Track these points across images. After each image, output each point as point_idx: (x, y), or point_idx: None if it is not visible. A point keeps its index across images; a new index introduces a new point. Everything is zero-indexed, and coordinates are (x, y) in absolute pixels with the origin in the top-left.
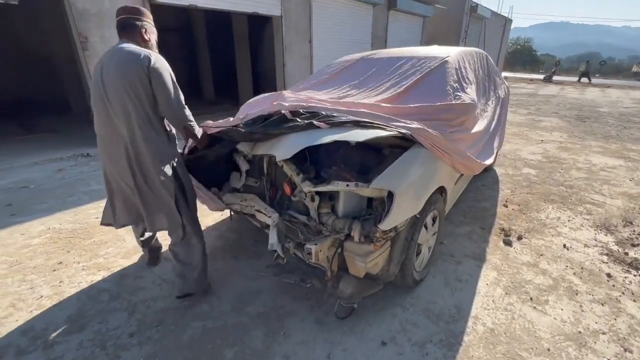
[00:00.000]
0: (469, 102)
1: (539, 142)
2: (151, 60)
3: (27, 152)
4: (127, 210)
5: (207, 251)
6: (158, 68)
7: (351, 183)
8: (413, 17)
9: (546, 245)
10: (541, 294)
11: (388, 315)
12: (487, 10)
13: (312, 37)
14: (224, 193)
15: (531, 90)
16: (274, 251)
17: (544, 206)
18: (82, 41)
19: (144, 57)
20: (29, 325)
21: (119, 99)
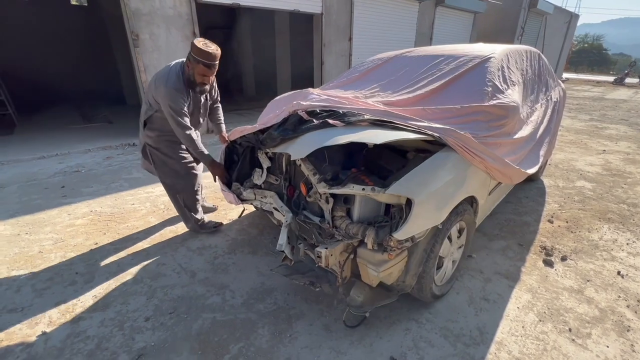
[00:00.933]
0: (510, 104)
1: (601, 152)
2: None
3: (84, 140)
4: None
5: (227, 244)
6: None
7: (367, 187)
8: (463, 13)
9: (596, 270)
10: (583, 326)
11: (401, 329)
12: (550, 5)
13: (352, 35)
14: (245, 189)
15: (597, 94)
16: (282, 251)
17: (598, 225)
18: (134, 38)
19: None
20: (61, 298)
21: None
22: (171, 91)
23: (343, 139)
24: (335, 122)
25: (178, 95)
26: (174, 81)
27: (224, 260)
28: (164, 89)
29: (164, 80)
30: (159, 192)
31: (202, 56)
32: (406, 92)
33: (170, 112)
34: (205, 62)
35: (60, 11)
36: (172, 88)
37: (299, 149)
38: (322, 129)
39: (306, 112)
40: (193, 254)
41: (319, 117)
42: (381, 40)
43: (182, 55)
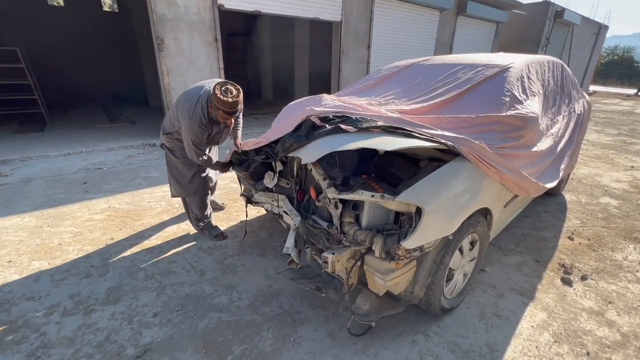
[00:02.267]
0: (528, 115)
1: (629, 169)
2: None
3: (108, 139)
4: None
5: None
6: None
7: (377, 194)
8: (485, 22)
9: (619, 291)
10: (603, 350)
11: (407, 341)
12: (577, 16)
13: (371, 43)
14: (257, 191)
15: (626, 108)
16: (288, 255)
17: (623, 244)
18: (159, 43)
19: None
20: (76, 290)
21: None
22: (195, 127)
23: (354, 144)
24: (348, 127)
25: (200, 131)
26: (199, 117)
27: (233, 261)
28: (188, 122)
29: (190, 113)
30: None
31: (222, 105)
32: (421, 101)
33: (190, 144)
34: (226, 110)
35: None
36: (196, 124)
37: (309, 153)
38: (334, 134)
39: (319, 118)
40: (204, 253)
41: (332, 123)
42: (400, 49)
43: (204, 60)
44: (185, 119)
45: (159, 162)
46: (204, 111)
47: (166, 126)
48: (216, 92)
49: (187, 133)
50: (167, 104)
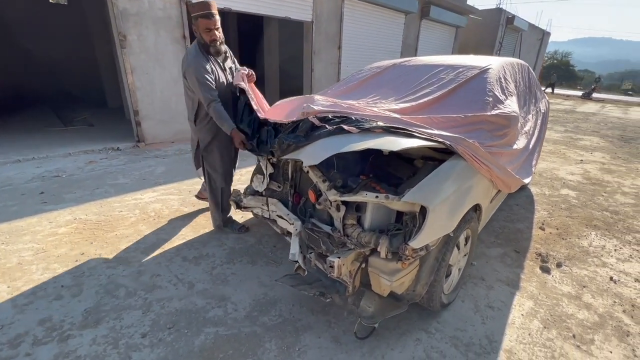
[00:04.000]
0: (511, 113)
1: (579, 162)
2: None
3: (63, 143)
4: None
5: (224, 253)
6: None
7: (381, 195)
8: (445, 26)
9: (590, 276)
10: (585, 332)
11: (411, 339)
12: (525, 23)
13: (342, 44)
14: (246, 196)
15: (568, 107)
16: (295, 262)
17: (586, 232)
18: (121, 39)
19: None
20: (47, 315)
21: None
22: (193, 63)
23: (360, 145)
24: (350, 128)
25: (200, 65)
26: (194, 54)
27: (222, 270)
28: (187, 66)
29: (187, 60)
30: (148, 199)
31: (198, 9)
32: (409, 101)
33: (197, 84)
34: (203, 14)
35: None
36: (193, 60)
37: (312, 155)
38: (334, 135)
39: (317, 118)
40: (189, 264)
41: (331, 123)
42: (369, 50)
43: (171, 58)
44: (188, 68)
45: (126, 168)
46: (196, 49)
47: (190, 110)
48: (188, 7)
49: (192, 76)
50: (132, 105)
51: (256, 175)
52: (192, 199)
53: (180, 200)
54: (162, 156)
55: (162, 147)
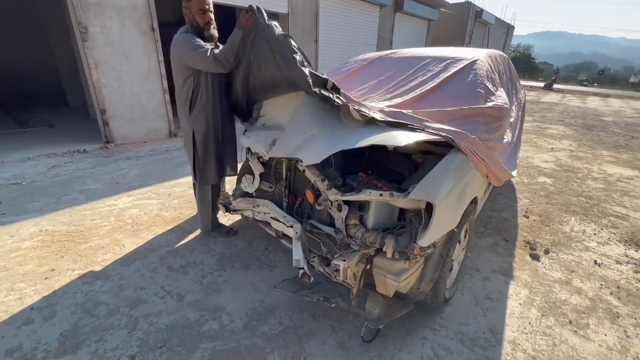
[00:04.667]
0: (504, 105)
1: (550, 150)
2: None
3: (20, 147)
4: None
5: (214, 260)
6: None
7: (385, 192)
8: (418, 20)
9: (576, 260)
10: (580, 317)
11: (418, 338)
12: (492, 16)
13: (319, 37)
14: (235, 198)
15: (533, 98)
16: (300, 268)
17: (567, 218)
18: (82, 32)
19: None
20: (15, 344)
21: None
22: (186, 38)
23: (364, 142)
24: (354, 112)
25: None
26: (185, 34)
27: (213, 278)
28: (180, 44)
29: (178, 40)
30: (123, 205)
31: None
32: (401, 93)
33: (192, 51)
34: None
35: None
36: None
37: (312, 154)
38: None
39: None
40: (176, 274)
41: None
42: (345, 44)
43: (139, 52)
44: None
45: (96, 172)
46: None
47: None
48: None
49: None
50: (98, 103)
51: (245, 176)
52: (172, 202)
53: (160, 204)
54: (134, 157)
55: (134, 147)
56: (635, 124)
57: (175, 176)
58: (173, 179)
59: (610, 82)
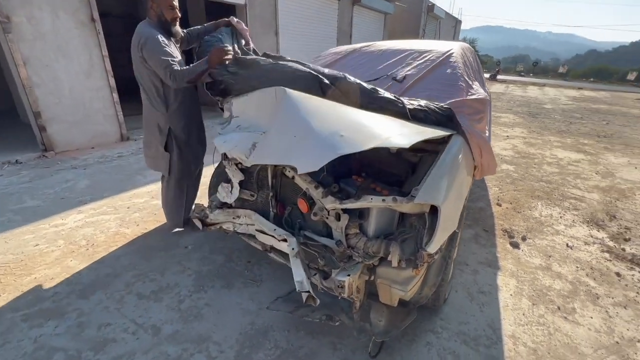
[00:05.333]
0: (485, 97)
1: (506, 138)
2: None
3: None
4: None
5: (191, 280)
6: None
7: (387, 198)
8: (375, 13)
9: (550, 245)
10: (566, 302)
11: (422, 345)
12: (442, 11)
13: (279, 30)
14: (212, 210)
15: None
16: (305, 292)
17: (534, 203)
18: (4, 22)
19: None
20: None
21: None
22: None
23: (368, 144)
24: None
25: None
26: (149, 29)
27: (192, 302)
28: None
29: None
30: (73, 223)
31: None
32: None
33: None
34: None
35: None
36: (150, 32)
37: (308, 160)
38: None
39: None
40: (148, 301)
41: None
42: (306, 37)
43: (78, 46)
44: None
45: (34, 186)
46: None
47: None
48: None
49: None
50: (30, 105)
51: (221, 184)
52: (133, 216)
53: (118, 220)
54: (81, 166)
55: (80, 154)
56: (571, 110)
57: (133, 185)
58: (131, 189)
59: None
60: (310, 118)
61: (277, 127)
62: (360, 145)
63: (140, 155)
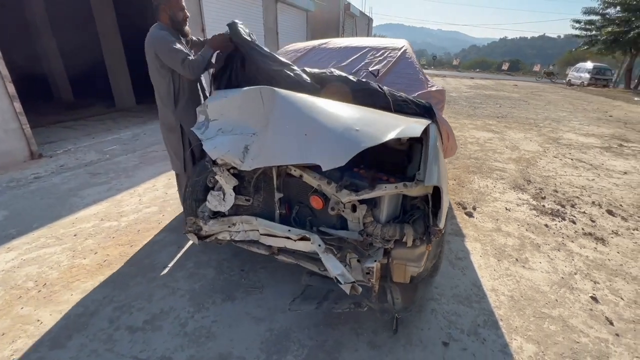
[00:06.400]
0: (443, 89)
1: None
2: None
3: None
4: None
5: (186, 301)
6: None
7: (399, 184)
8: (298, 10)
9: (494, 210)
10: (520, 254)
11: (428, 312)
12: (357, 9)
13: (205, 26)
14: (206, 221)
15: None
16: (350, 282)
17: (471, 177)
18: None
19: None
20: None
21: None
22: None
23: (385, 135)
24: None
25: (170, 37)
26: (160, 30)
27: (198, 323)
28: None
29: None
30: (6, 264)
31: None
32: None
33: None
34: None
35: None
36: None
37: (331, 156)
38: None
39: None
40: (144, 332)
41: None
42: None
43: None
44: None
45: None
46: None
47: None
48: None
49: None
50: None
51: (211, 193)
52: (87, 244)
53: (68, 250)
54: None
55: None
56: (471, 97)
57: (71, 210)
58: (70, 214)
59: (440, 64)
60: (316, 115)
61: (275, 127)
62: (379, 137)
63: (67, 174)
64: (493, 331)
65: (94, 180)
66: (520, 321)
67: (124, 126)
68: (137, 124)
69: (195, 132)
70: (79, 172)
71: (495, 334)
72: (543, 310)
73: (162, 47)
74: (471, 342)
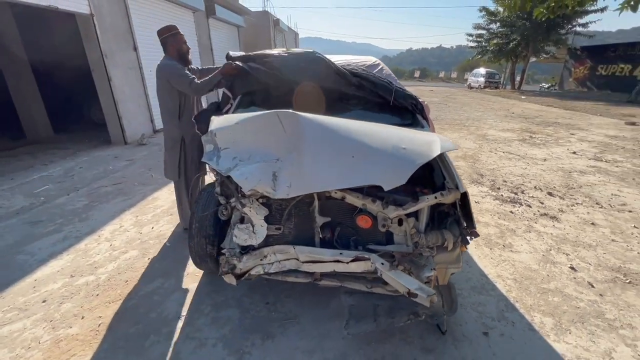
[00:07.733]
0: (425, 102)
1: None
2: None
3: None
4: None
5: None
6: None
7: (437, 194)
8: (229, 26)
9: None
10: (504, 241)
11: (460, 308)
12: (285, 25)
13: (137, 44)
14: (239, 258)
15: None
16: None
17: None
18: None
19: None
20: None
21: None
22: (173, 65)
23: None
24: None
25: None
26: (170, 61)
27: None
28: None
29: (166, 65)
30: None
31: (174, 29)
32: None
33: (179, 79)
34: (178, 31)
35: None
36: (172, 64)
37: (390, 177)
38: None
39: None
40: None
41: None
42: None
43: None
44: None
45: None
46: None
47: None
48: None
49: (174, 73)
50: None
51: (237, 226)
52: (64, 309)
53: (43, 322)
54: None
55: None
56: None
57: (23, 271)
58: (25, 276)
59: None
60: (354, 137)
61: (311, 152)
62: (428, 154)
63: (5, 225)
64: (516, 313)
65: (39, 231)
66: (531, 299)
67: (49, 160)
68: (65, 157)
69: (210, 164)
70: (13, 223)
71: (519, 315)
72: (542, 286)
73: (173, 74)
74: (504, 327)
